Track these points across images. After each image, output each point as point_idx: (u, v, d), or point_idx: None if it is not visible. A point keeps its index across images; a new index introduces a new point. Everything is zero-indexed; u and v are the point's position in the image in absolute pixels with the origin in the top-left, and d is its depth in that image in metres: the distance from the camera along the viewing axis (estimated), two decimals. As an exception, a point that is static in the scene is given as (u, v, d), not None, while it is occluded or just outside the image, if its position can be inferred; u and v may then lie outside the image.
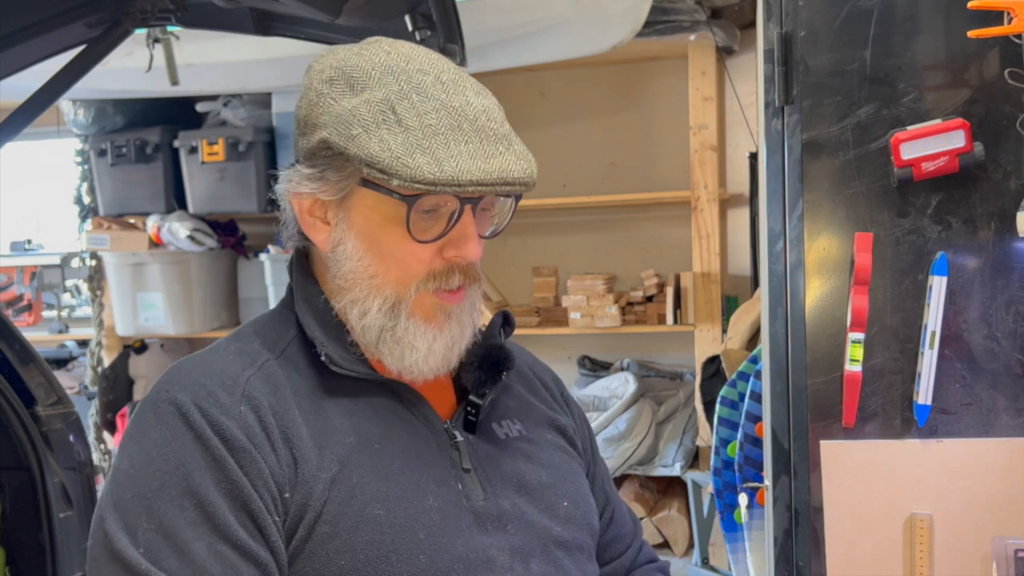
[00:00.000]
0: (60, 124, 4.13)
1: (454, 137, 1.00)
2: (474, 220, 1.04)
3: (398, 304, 1.05)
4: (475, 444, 1.11)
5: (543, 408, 1.22)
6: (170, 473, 0.96)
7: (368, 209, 1.04)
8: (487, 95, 1.07)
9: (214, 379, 1.02)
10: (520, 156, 1.03)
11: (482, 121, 1.02)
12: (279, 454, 0.99)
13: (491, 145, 1.01)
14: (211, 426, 0.97)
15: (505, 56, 3.09)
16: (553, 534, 1.10)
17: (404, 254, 1.04)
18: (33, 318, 4.67)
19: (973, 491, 1.57)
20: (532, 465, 1.13)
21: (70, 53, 1.81)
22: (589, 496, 1.19)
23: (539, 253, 4.08)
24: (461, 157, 0.99)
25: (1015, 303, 1.57)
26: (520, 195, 1.07)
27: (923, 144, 1.54)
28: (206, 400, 0.99)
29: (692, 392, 3.64)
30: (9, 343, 2.03)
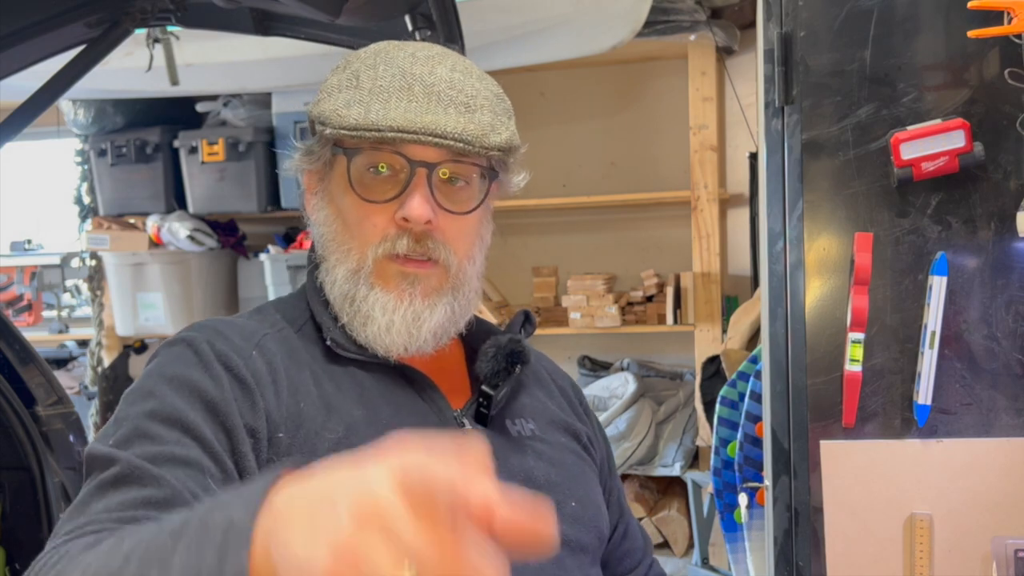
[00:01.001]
0: (60, 124, 4.13)
1: (398, 96, 1.01)
2: (427, 184, 1.03)
3: (359, 270, 1.05)
4: (486, 436, 1.09)
5: (559, 412, 1.21)
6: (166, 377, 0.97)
7: (338, 176, 1.07)
8: (474, 77, 1.07)
9: (232, 329, 1.04)
10: (471, 120, 1.02)
11: (440, 87, 1.03)
12: (281, 398, 1.00)
13: (436, 105, 1.02)
14: (218, 357, 0.99)
15: (505, 56, 3.09)
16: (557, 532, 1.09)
17: (360, 217, 1.05)
18: (33, 318, 4.67)
19: (973, 491, 1.57)
20: (542, 463, 1.12)
21: (70, 53, 1.81)
22: (599, 499, 1.18)
23: (539, 253, 4.08)
24: (393, 109, 1.00)
25: (1015, 303, 1.57)
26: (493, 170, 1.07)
27: (923, 144, 1.54)
28: (219, 339, 1.01)
29: (692, 392, 3.64)
30: (9, 343, 2.03)
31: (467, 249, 1.08)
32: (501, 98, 1.09)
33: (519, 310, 1.21)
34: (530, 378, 1.21)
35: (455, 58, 1.08)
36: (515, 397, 1.17)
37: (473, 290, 1.10)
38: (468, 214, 1.06)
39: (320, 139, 1.07)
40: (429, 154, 1.02)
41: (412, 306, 1.05)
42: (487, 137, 1.03)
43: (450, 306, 1.07)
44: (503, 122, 1.06)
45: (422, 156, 1.02)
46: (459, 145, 1.01)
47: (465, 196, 1.06)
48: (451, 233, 1.05)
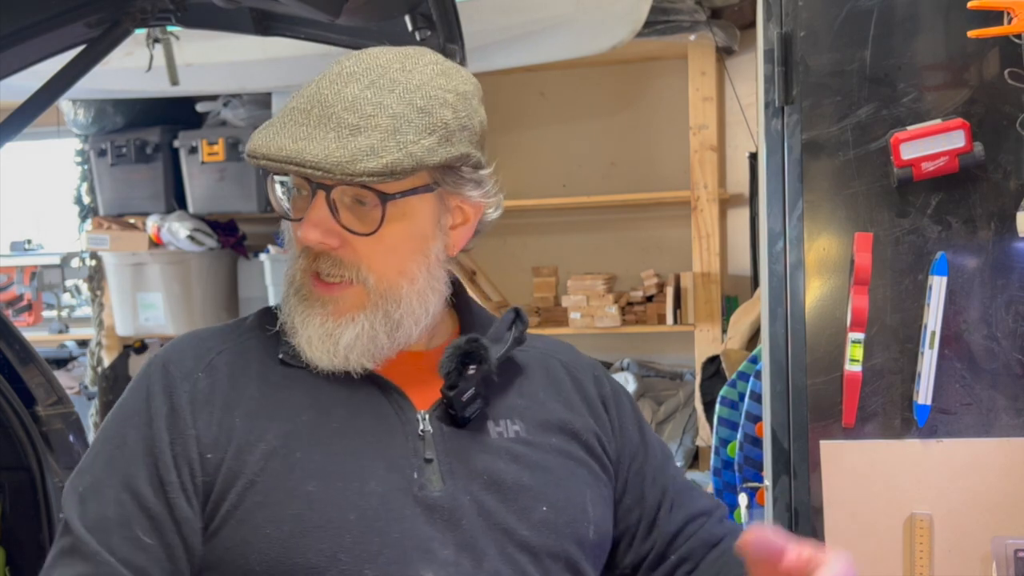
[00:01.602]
0: (60, 124, 4.13)
1: (292, 119, 1.04)
2: (326, 205, 1.04)
3: (291, 283, 1.10)
4: (449, 437, 1.09)
5: (559, 411, 1.17)
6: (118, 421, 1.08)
7: None
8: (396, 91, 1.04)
9: (196, 345, 1.12)
10: (345, 145, 1.01)
11: (335, 109, 1.03)
12: (214, 419, 1.05)
13: (316, 130, 1.02)
14: (165, 386, 1.07)
15: (505, 56, 3.08)
16: (518, 537, 1.07)
17: (290, 234, 1.11)
18: (33, 318, 4.67)
19: (973, 491, 1.57)
20: (517, 466, 1.10)
21: (70, 53, 1.81)
22: (585, 505, 1.13)
23: (539, 253, 4.08)
24: (276, 134, 1.03)
25: (1015, 303, 1.57)
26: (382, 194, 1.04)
27: (923, 144, 1.54)
28: (176, 362, 1.09)
29: (692, 392, 3.64)
30: (9, 343, 2.03)
31: (393, 265, 1.07)
32: (424, 112, 1.04)
33: (510, 308, 1.19)
34: (535, 374, 1.19)
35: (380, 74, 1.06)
36: (506, 397, 1.15)
37: (412, 304, 1.09)
38: (371, 235, 1.05)
39: None
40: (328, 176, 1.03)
41: (324, 325, 1.07)
42: (356, 163, 1.00)
43: (370, 323, 1.07)
44: (398, 142, 1.02)
45: (322, 178, 1.03)
46: (317, 173, 1.01)
47: (371, 218, 1.05)
48: (363, 251, 1.06)
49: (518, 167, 4.06)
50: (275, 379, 1.09)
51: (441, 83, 1.07)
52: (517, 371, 1.18)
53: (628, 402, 1.26)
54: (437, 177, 1.08)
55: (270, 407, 1.07)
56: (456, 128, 1.06)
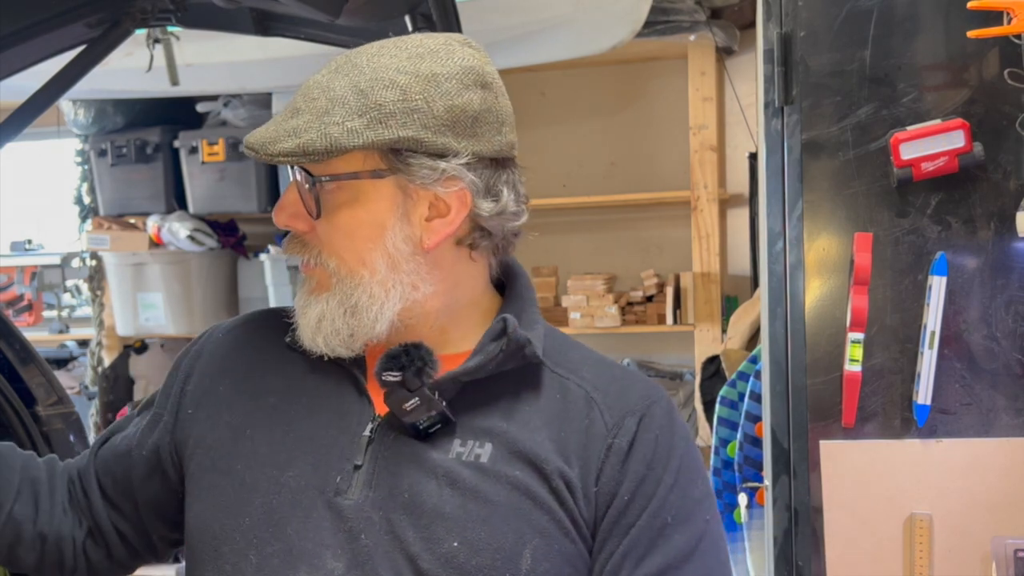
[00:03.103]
0: (60, 124, 4.13)
1: (280, 110, 1.08)
2: (295, 190, 1.07)
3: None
4: (391, 445, 1.04)
5: (544, 443, 1.04)
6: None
7: None
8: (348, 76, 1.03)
9: (245, 315, 1.24)
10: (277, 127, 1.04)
11: (296, 96, 1.06)
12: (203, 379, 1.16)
13: (285, 117, 1.05)
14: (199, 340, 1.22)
15: (505, 56, 3.08)
16: (417, 565, 0.99)
17: None
18: (33, 318, 4.67)
19: (973, 491, 1.57)
20: (449, 491, 1.01)
21: (70, 53, 1.81)
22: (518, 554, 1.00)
23: (539, 253, 4.08)
24: (263, 127, 1.06)
25: (1015, 303, 1.57)
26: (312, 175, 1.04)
27: (923, 144, 1.54)
28: (211, 330, 1.23)
29: (692, 392, 3.64)
30: (9, 343, 2.03)
31: (351, 251, 1.05)
32: (362, 94, 1.01)
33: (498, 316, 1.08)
34: (537, 399, 1.07)
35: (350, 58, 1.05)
36: (483, 417, 1.05)
37: (371, 295, 1.04)
38: (314, 217, 1.05)
39: None
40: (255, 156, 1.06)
41: (302, 303, 1.10)
42: (275, 143, 1.01)
43: (327, 304, 1.06)
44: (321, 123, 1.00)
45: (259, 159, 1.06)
46: (252, 154, 1.04)
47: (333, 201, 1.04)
48: (324, 236, 1.06)
49: (518, 167, 4.05)
50: (267, 359, 1.14)
51: (404, 66, 1.02)
52: (520, 391, 1.07)
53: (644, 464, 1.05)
54: (390, 163, 1.02)
55: (249, 384, 1.13)
56: (397, 111, 1.00)
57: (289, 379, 1.12)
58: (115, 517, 1.20)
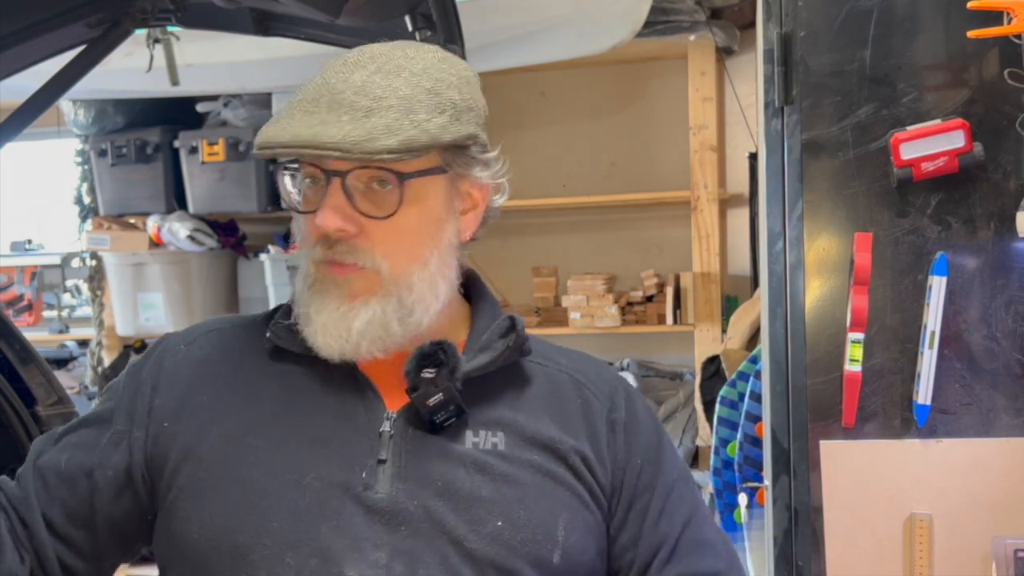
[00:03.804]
0: (60, 124, 4.13)
1: (302, 108, 1.04)
2: (342, 192, 1.04)
3: (306, 276, 1.10)
4: (412, 440, 1.07)
5: (551, 427, 1.11)
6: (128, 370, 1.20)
7: None
8: (402, 76, 1.05)
9: (200, 325, 1.21)
10: (360, 126, 1.01)
11: (346, 95, 1.03)
12: (177, 391, 1.12)
13: (329, 115, 1.02)
14: (153, 355, 1.17)
15: (505, 56, 3.08)
16: (464, 547, 1.04)
17: (301, 227, 1.11)
18: (33, 318, 4.67)
19: (973, 491, 1.57)
20: (480, 477, 1.06)
21: (70, 53, 1.81)
22: (554, 528, 1.07)
23: (539, 253, 4.08)
24: (287, 126, 1.03)
25: (1015, 303, 1.57)
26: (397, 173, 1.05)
27: (923, 144, 1.54)
28: (174, 335, 1.19)
29: (692, 392, 3.64)
30: (9, 343, 2.03)
31: (405, 251, 1.07)
32: (433, 93, 1.05)
33: (505, 315, 1.17)
34: (533, 389, 1.14)
35: (385, 60, 1.06)
36: (492, 408, 1.11)
37: (422, 292, 1.08)
38: (390, 217, 1.05)
39: None
40: (341, 163, 1.03)
41: (339, 308, 1.06)
42: (374, 141, 1.00)
43: (382, 308, 1.06)
44: (414, 121, 1.03)
45: (335, 166, 1.04)
46: (335, 154, 1.01)
47: (390, 200, 1.05)
48: (378, 237, 1.06)
49: (518, 167, 4.05)
50: (252, 365, 1.13)
51: (444, 67, 1.09)
52: (517, 383, 1.14)
53: (647, 434, 1.17)
54: (448, 159, 1.08)
55: (238, 391, 1.11)
56: (464, 108, 1.08)
57: (281, 384, 1.11)
58: (60, 549, 1.11)
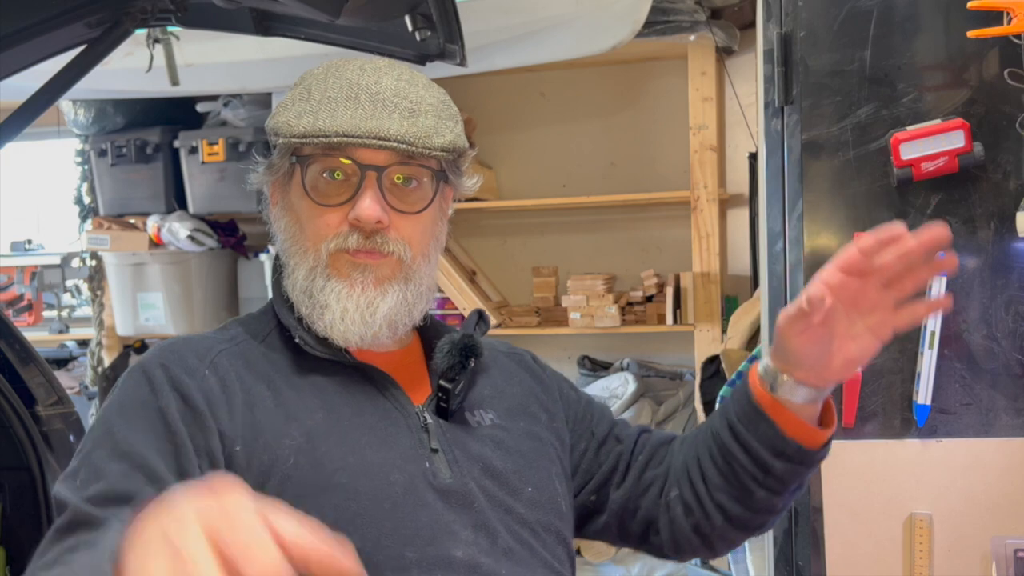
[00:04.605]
0: (60, 124, 4.13)
1: (345, 104, 1.09)
2: (377, 187, 1.10)
3: (316, 266, 1.13)
4: (445, 428, 1.16)
5: (520, 394, 1.26)
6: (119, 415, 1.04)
7: (296, 184, 1.14)
8: (420, 86, 1.14)
9: (189, 347, 1.12)
10: (414, 124, 1.09)
11: (386, 95, 1.10)
12: (235, 413, 1.06)
13: (381, 111, 1.09)
14: (170, 382, 1.06)
15: (505, 56, 3.08)
16: (518, 514, 1.14)
17: (316, 220, 1.12)
18: (33, 318, 4.67)
19: (973, 491, 1.57)
20: (500, 452, 1.17)
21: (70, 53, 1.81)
22: (556, 481, 1.21)
23: (539, 253, 4.08)
24: (339, 116, 1.08)
25: (1015, 303, 1.57)
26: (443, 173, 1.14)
27: (923, 144, 1.54)
28: (174, 362, 1.09)
29: (692, 392, 3.64)
30: (9, 343, 2.03)
31: (422, 246, 1.15)
32: (447, 104, 1.16)
33: (473, 309, 1.28)
34: (491, 367, 1.27)
35: (401, 69, 1.15)
36: (475, 388, 1.22)
37: (427, 286, 1.17)
38: (420, 213, 1.13)
39: (279, 151, 1.14)
40: (378, 158, 1.09)
41: (365, 293, 1.12)
42: (430, 139, 1.10)
43: (402, 293, 1.14)
44: (447, 126, 1.13)
45: (371, 160, 1.09)
46: (403, 147, 1.08)
47: (417, 197, 1.13)
48: (405, 232, 1.13)
49: (518, 167, 4.06)
50: (283, 379, 1.13)
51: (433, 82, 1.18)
52: (479, 366, 1.24)
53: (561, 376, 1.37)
54: (445, 165, 1.15)
55: (286, 405, 1.10)
56: (460, 121, 1.17)
57: (319, 392, 1.13)
58: None
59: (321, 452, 1.07)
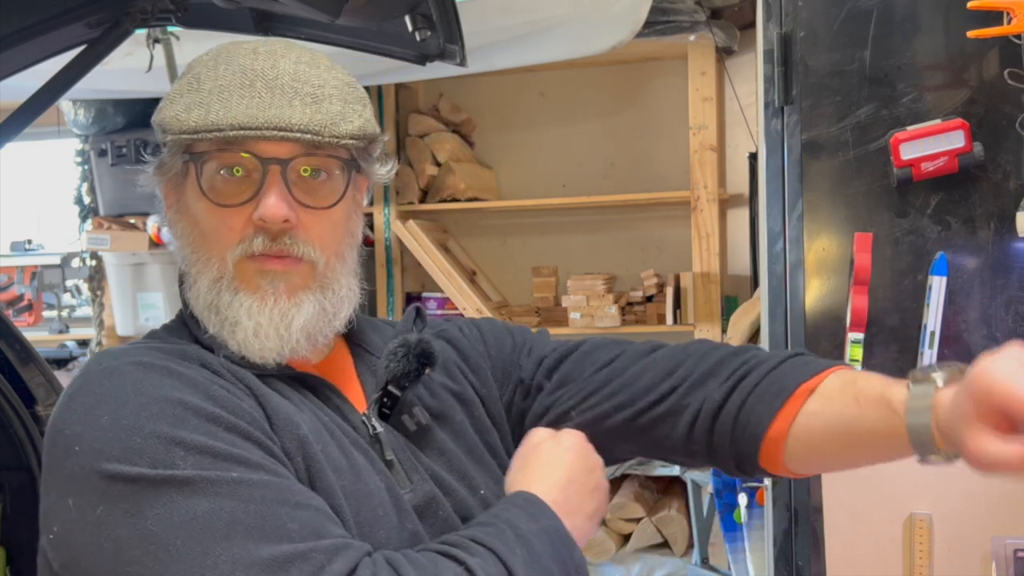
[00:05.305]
0: (60, 124, 4.13)
1: (239, 93, 0.98)
2: (282, 182, 0.98)
3: (220, 277, 1.01)
4: (390, 435, 1.06)
5: (450, 383, 1.16)
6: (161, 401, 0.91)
7: (191, 184, 1.02)
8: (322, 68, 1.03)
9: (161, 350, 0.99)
10: (318, 111, 0.99)
11: (284, 80, 0.99)
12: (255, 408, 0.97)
13: (280, 98, 0.98)
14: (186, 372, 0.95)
15: (505, 56, 3.08)
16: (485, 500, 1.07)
17: (216, 222, 1.01)
18: (33, 318, 4.66)
19: (973, 491, 1.57)
20: (444, 458, 1.09)
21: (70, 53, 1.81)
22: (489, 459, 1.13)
23: (539, 253, 4.08)
24: (235, 107, 0.97)
25: (1014, 303, 1.57)
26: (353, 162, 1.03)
27: (923, 144, 1.54)
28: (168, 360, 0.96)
29: (692, 392, 3.64)
30: (9, 343, 2.03)
31: (334, 246, 1.04)
32: (353, 86, 1.05)
33: (411, 306, 1.18)
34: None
35: (299, 51, 1.04)
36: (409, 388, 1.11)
37: (347, 288, 1.06)
38: (331, 208, 1.02)
39: (170, 149, 1.03)
40: (281, 150, 0.98)
41: (278, 305, 1.00)
42: (337, 126, 0.99)
43: (319, 303, 1.03)
44: (355, 110, 1.02)
45: (273, 153, 0.98)
46: (307, 136, 0.97)
47: (327, 190, 1.02)
48: (315, 230, 1.01)
49: (518, 167, 4.06)
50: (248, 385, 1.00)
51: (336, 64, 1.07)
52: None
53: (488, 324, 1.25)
54: (356, 154, 1.05)
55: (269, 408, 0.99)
56: (368, 104, 1.06)
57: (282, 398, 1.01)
58: None
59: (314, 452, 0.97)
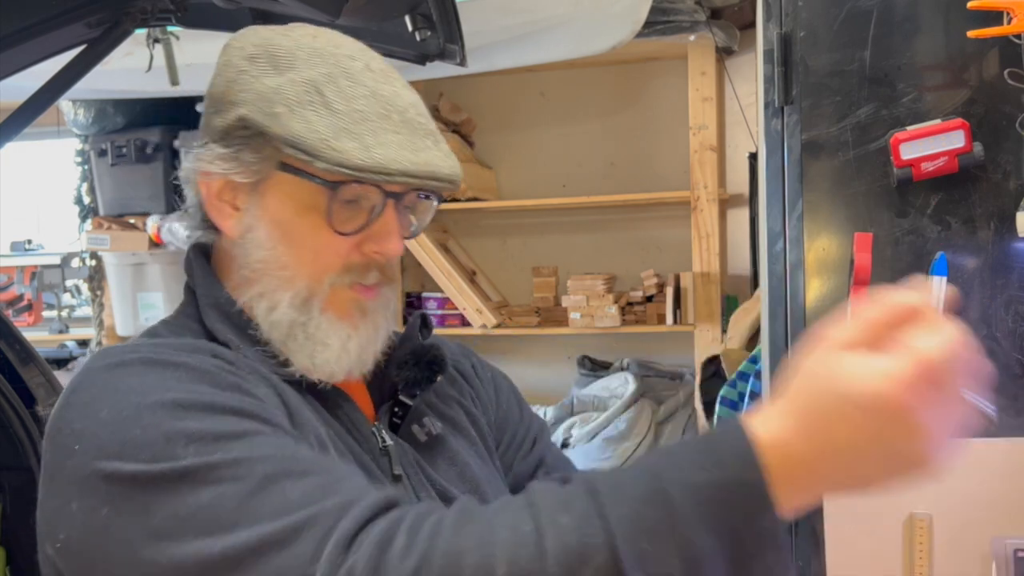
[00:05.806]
0: (60, 124, 4.13)
1: (382, 126, 0.95)
2: (396, 216, 0.99)
3: (311, 298, 0.99)
4: (401, 448, 1.04)
5: (455, 398, 1.15)
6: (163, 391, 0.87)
7: (284, 195, 0.98)
8: (413, 91, 1.03)
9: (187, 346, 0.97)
10: (446, 155, 0.99)
11: (411, 114, 0.98)
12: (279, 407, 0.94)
13: (419, 139, 0.97)
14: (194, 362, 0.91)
15: (505, 56, 3.08)
16: None
17: (320, 246, 0.98)
18: (33, 318, 4.66)
19: (973, 491, 1.57)
20: (453, 471, 1.07)
21: (70, 53, 1.81)
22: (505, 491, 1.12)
23: (539, 253, 4.08)
24: (389, 146, 0.94)
25: (1014, 303, 1.57)
26: (443, 196, 1.05)
27: (923, 144, 1.54)
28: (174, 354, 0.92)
29: (692, 392, 3.64)
30: (9, 343, 2.03)
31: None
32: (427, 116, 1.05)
33: (416, 313, 1.16)
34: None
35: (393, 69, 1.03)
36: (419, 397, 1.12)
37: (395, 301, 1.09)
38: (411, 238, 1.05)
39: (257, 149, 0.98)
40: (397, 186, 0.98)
41: (366, 333, 1.01)
42: (459, 171, 1.00)
43: (387, 327, 1.05)
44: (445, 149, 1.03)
45: (392, 187, 0.97)
46: (451, 187, 0.98)
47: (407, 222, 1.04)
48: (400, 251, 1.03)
49: (518, 167, 4.06)
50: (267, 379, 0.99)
51: None
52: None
53: (506, 382, 1.25)
54: None
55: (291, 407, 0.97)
56: None
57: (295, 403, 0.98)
58: None
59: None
